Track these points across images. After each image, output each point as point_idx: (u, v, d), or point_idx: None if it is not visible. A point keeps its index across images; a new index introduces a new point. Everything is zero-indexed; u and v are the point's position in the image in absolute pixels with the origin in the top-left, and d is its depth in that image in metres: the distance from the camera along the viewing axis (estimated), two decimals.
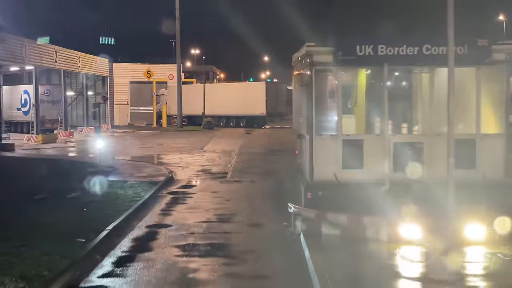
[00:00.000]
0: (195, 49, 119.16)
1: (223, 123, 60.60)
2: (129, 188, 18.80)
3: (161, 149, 35.62)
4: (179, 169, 25.15)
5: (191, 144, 38.77)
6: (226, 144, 38.69)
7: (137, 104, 69.58)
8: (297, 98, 16.26)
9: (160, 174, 22.53)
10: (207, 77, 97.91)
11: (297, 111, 16.43)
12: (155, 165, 25.97)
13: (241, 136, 47.19)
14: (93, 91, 63.54)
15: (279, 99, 59.48)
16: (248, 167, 25.79)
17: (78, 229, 12.70)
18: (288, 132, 50.37)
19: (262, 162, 28.05)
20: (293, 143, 35.92)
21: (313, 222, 12.38)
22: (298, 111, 16.35)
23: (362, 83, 14.93)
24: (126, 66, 69.15)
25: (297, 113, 16.47)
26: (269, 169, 25.02)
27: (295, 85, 16.91)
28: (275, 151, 33.64)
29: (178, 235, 13.00)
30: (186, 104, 61.63)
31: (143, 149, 35.43)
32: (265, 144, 38.81)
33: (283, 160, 28.24)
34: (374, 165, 13.29)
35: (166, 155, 31.50)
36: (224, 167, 26.11)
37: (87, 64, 53.47)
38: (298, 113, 16.35)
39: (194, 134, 50.13)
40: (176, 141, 41.95)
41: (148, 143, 40.33)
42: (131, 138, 46.11)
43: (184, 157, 30.55)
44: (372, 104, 14.38)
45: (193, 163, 27.55)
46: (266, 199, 17.71)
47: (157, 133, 51.94)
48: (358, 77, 14.64)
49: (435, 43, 12.82)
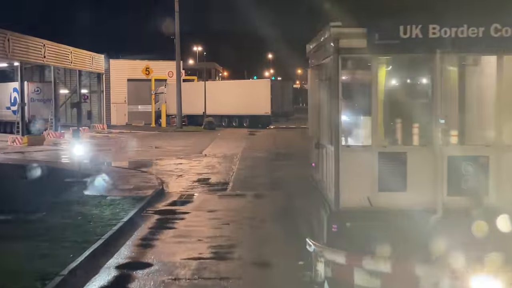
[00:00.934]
0: (197, 46, 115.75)
1: (225, 123, 57.29)
2: (107, 206, 15.44)
3: (156, 152, 32.27)
4: (172, 179, 21.80)
5: (190, 147, 35.42)
6: (228, 147, 35.34)
7: (135, 103, 66.28)
8: (315, 97, 12.86)
9: (149, 186, 19.17)
10: (209, 74, 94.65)
11: (314, 113, 13.04)
12: (146, 174, 22.60)
13: (244, 137, 43.84)
14: (88, 89, 60.30)
15: (285, 97, 56.09)
16: (252, 176, 22.42)
17: (22, 274, 9.36)
18: (294, 133, 47.03)
19: (268, 169, 24.67)
20: (302, 146, 32.48)
21: (342, 267, 9.00)
22: (315, 113, 12.97)
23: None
24: (123, 62, 65.83)
25: (314, 116, 13.08)
26: (277, 179, 21.63)
27: (312, 81, 13.52)
28: (282, 155, 30.27)
29: (156, 282, 9.61)
30: (187, 103, 58.32)
31: (136, 153, 32.08)
32: (270, 147, 35.44)
33: (291, 166, 24.88)
34: (421, 186, 9.91)
35: (161, 161, 28.14)
36: (224, 175, 22.75)
37: (80, 60, 50.16)
38: (315, 116, 12.97)
39: (194, 135, 46.78)
40: (174, 143, 38.61)
41: (143, 145, 36.99)
42: (125, 139, 42.78)
43: (181, 162, 27.20)
44: (415, 105, 10.99)
45: (190, 171, 24.19)
46: (274, 223, 14.31)
47: (154, 134, 48.60)
48: (399, 68, 11.23)
49: (507, 23, 9.45)
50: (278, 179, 21.48)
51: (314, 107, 12.91)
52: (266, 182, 21.08)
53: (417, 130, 10.69)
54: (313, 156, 14.06)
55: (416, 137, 10.59)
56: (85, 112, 60.25)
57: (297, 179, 19.95)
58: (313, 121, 13.03)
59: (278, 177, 22.03)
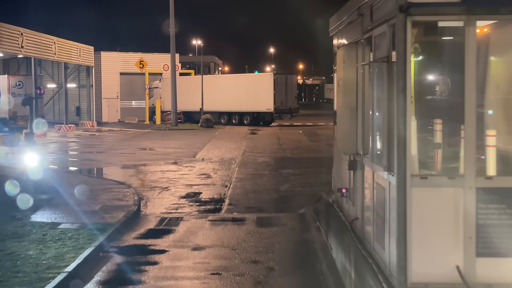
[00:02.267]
0: (196, 40, 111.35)
1: (224, 120, 52.99)
2: (54, 241, 11.16)
3: (142, 156, 27.96)
4: (155, 194, 17.51)
5: (183, 149, 31.13)
6: (226, 148, 31.03)
7: (128, 99, 61.96)
8: (350, 91, 8.52)
9: (121, 206, 14.88)
10: (208, 69, 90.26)
11: (348, 115, 8.69)
12: (123, 187, 18.28)
13: (244, 136, 39.52)
14: (77, 83, 55.98)
15: (289, 93, 51.74)
16: (254, 191, 18.10)
17: None
18: (300, 132, 42.71)
19: (273, 180, 20.35)
20: (311, 148, 28.26)
21: None
22: (349, 115, 8.64)
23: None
24: (115, 55, 61.53)
25: (348, 120, 8.72)
26: (285, 196, 17.32)
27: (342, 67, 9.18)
28: (289, 160, 25.95)
29: None
30: (183, 99, 54.00)
31: (120, 157, 27.78)
32: (274, 148, 31.12)
33: (302, 177, 20.64)
34: None
35: (146, 167, 23.85)
36: (219, 188, 18.47)
37: (65, 51, 45.80)
38: (350, 120, 8.63)
39: (189, 134, 42.45)
40: (166, 143, 34.30)
41: (130, 146, 32.69)
42: (112, 139, 38.46)
43: (169, 170, 22.91)
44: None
45: (178, 181, 19.91)
46: (287, 277, 9.97)
47: (146, 133, 44.27)
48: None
49: None
50: (288, 197, 17.17)
51: (348, 107, 8.58)
52: (272, 199, 16.76)
53: None
54: (342, 177, 9.78)
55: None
56: (73, 108, 56.12)
57: (313, 197, 15.70)
58: (346, 128, 8.69)
59: (287, 193, 17.72)
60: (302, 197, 16.76)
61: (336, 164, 11.12)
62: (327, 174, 22.53)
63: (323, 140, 36.01)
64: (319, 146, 31.84)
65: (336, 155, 11.05)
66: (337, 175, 10.86)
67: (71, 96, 56.20)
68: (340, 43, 9.74)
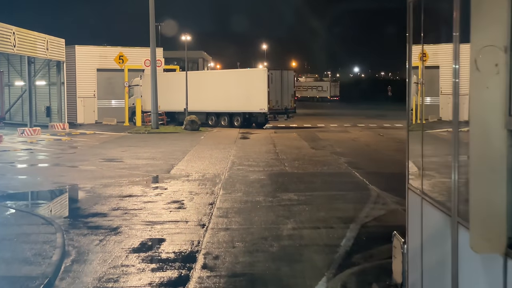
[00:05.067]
0: (185, 35, 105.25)
1: (212, 121, 47.16)
2: None
3: (103, 171, 22.07)
4: (93, 242, 11.68)
5: (157, 160, 25.28)
6: (210, 159, 25.22)
7: (107, 97, 55.84)
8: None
9: (21, 279, 9.04)
10: (196, 65, 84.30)
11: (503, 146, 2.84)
12: (48, 229, 12.38)
13: (234, 142, 33.72)
14: (47, 80, 49.93)
15: (285, 91, 45.88)
16: (242, 237, 12.21)
17: None
18: (297, 135, 36.88)
19: (270, 213, 14.48)
20: (316, 160, 22.64)
21: None
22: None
23: None
24: (92, 49, 55.36)
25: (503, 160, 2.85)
26: (289, 249, 11.39)
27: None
28: (288, 176, 20.15)
29: None
30: (166, 98, 48.22)
31: (72, 172, 21.91)
32: (269, 159, 25.30)
33: (309, 205, 14.82)
34: None
35: (100, 189, 18.00)
36: (192, 231, 12.68)
37: (28, 44, 39.74)
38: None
39: (170, 139, 36.55)
40: (139, 152, 28.44)
41: (94, 156, 26.81)
42: (79, 145, 32.50)
43: (130, 194, 17.09)
44: None
45: (136, 216, 14.10)
46: None
47: (121, 137, 38.33)
48: None
49: None
50: (294, 251, 11.24)
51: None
52: (270, 257, 10.85)
53: None
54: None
55: None
56: (43, 108, 50.16)
57: (333, 252, 9.96)
58: (497, 190, 2.87)
59: (293, 242, 11.78)
60: (316, 252, 10.98)
61: (413, 235, 5.34)
62: (344, 202, 16.79)
63: (327, 147, 30.28)
64: (324, 156, 26.08)
65: (411, 213, 5.26)
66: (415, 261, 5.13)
67: (42, 95, 50.29)
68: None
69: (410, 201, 5.27)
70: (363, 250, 10.86)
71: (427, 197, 4.50)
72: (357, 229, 12.57)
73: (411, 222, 5.19)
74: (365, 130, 41.98)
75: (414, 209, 4.78)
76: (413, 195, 4.92)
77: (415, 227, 4.98)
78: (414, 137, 6.17)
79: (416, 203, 4.74)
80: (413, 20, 6.29)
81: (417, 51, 7.49)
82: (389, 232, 12.51)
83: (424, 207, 4.52)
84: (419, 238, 4.71)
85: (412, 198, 4.97)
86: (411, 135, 6.16)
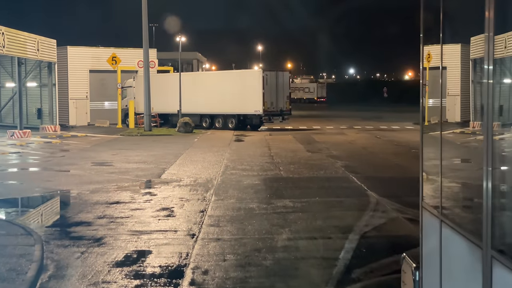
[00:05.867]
0: (180, 36, 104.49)
1: (206, 123, 46.38)
2: None
3: (92, 176, 21.27)
4: (74, 255, 10.90)
5: (148, 163, 24.51)
6: (203, 163, 24.46)
7: (99, 99, 55.01)
8: None
9: None
10: (191, 66, 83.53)
11: None
12: (26, 240, 11.59)
13: (228, 144, 32.97)
14: (39, 81, 49.06)
15: (280, 92, 45.13)
16: (234, 249, 11.43)
17: None
18: (293, 137, 36.16)
19: (264, 221, 13.69)
20: (312, 164, 22.03)
21: None
22: None
23: None
24: (84, 50, 54.59)
25: None
26: (284, 261, 10.59)
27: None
28: (283, 181, 19.38)
29: None
30: (160, 99, 47.51)
31: (60, 177, 21.12)
32: (264, 163, 24.55)
33: (305, 213, 14.06)
34: None
35: (87, 195, 17.22)
36: (181, 241, 11.92)
37: (17, 44, 38.90)
38: None
39: (163, 141, 35.76)
40: (130, 156, 27.65)
41: (84, 160, 26.01)
42: (69, 148, 31.67)
43: (118, 200, 16.32)
44: None
45: (122, 225, 13.34)
46: None
47: (113, 140, 37.53)
48: None
49: None
50: (289, 264, 10.46)
51: None
52: (264, 272, 10.08)
53: None
54: None
55: None
56: (35, 110, 49.31)
57: (331, 266, 9.20)
58: None
59: (288, 255, 10.97)
60: (313, 265, 10.22)
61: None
62: (342, 209, 16.01)
63: (323, 149, 29.56)
64: (320, 160, 25.34)
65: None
66: None
67: (33, 96, 49.46)
68: None
69: (425, 222, 4.53)
70: (363, 264, 10.11)
71: (447, 220, 3.78)
72: (356, 239, 11.82)
73: (426, 246, 4.47)
74: (362, 132, 41.25)
75: (430, 232, 4.08)
76: (429, 216, 4.19)
77: (432, 254, 4.25)
78: (427, 142, 5.44)
79: (432, 225, 4.03)
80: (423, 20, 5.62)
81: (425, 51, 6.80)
82: (391, 243, 11.77)
83: (444, 232, 3.80)
84: (437, 267, 4.00)
85: (427, 220, 4.25)
86: (425, 139, 5.42)
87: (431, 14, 5.37)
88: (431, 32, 6.29)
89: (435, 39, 6.99)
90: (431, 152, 5.77)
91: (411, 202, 15.48)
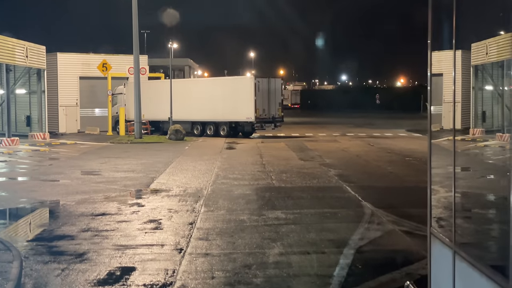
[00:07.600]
0: (171, 43, 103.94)
1: (198, 131, 45.82)
2: None
3: (78, 186, 20.66)
4: (54, 272, 10.30)
5: (137, 172, 23.92)
6: (194, 171, 23.89)
7: (90, 106, 54.34)
8: None
9: None
10: (183, 73, 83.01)
11: None
12: (2, 257, 10.99)
13: (219, 152, 32.42)
14: (28, 88, 48.38)
15: (272, 99, 44.62)
16: (223, 266, 10.87)
17: None
18: (285, 145, 35.64)
19: (255, 234, 13.11)
20: (305, 172, 21.56)
21: None
22: None
23: None
24: (74, 57, 53.95)
25: None
26: (276, 279, 10.06)
27: None
28: (275, 191, 18.82)
29: None
30: (151, 106, 47.00)
31: (45, 187, 20.49)
32: (255, 171, 24.00)
33: (297, 225, 13.52)
34: None
35: (72, 206, 16.62)
36: (168, 256, 11.34)
37: (6, 50, 38.31)
38: None
39: (153, 149, 35.18)
40: (118, 164, 27.05)
41: (71, 168, 25.39)
42: (57, 156, 31.03)
43: (103, 212, 15.72)
44: None
45: (107, 239, 12.75)
46: None
47: (102, 147, 36.91)
48: None
49: None
50: (281, 282, 9.92)
51: None
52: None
53: None
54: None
55: None
56: (24, 117, 48.61)
57: (326, 285, 8.62)
58: None
59: (280, 272, 10.37)
60: (306, 284, 9.65)
61: None
62: (336, 221, 15.43)
63: (316, 157, 29.05)
64: (313, 168, 24.81)
65: None
66: None
67: (22, 103, 48.76)
68: None
69: (434, 251, 3.96)
70: (360, 282, 9.57)
71: (462, 252, 3.25)
72: (352, 254, 11.28)
73: (435, 278, 3.93)
74: (355, 140, 40.77)
75: (441, 263, 3.55)
76: (439, 245, 3.64)
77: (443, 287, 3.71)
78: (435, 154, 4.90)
79: (443, 256, 3.50)
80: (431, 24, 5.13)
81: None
82: (388, 258, 11.24)
83: (458, 266, 3.28)
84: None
85: (437, 249, 3.70)
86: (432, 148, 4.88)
87: (438, 20, 4.91)
88: (433, 38, 5.93)
89: (436, 45, 6.59)
90: (434, 160, 5.27)
91: (407, 213, 14.99)
